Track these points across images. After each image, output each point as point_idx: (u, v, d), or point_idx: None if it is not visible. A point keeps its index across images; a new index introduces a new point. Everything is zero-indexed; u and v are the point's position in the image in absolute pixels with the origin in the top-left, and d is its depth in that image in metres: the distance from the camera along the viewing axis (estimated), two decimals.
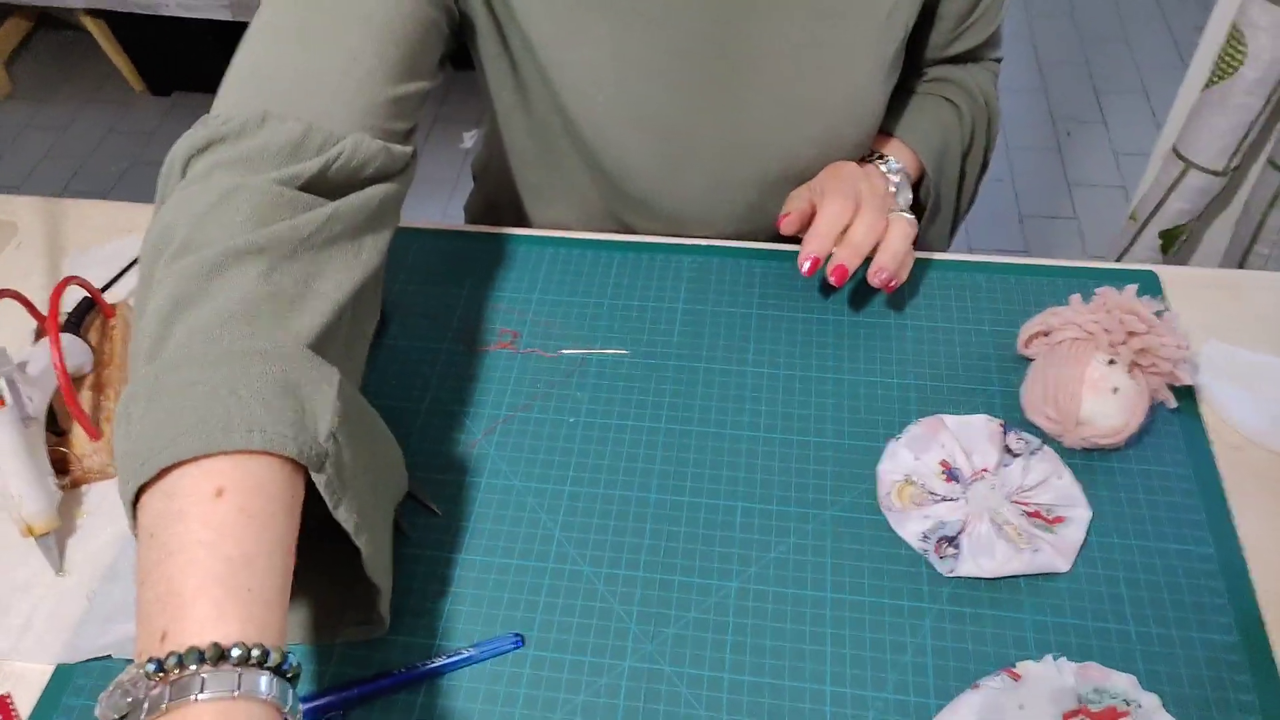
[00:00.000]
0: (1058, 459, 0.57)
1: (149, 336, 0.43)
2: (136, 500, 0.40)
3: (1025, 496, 0.56)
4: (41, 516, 0.54)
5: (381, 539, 0.48)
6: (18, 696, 0.51)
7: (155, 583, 0.37)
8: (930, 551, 0.54)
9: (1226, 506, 0.56)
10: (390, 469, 0.51)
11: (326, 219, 0.48)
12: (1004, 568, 0.52)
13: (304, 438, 0.41)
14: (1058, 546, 0.53)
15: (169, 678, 0.35)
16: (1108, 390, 0.56)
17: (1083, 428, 0.56)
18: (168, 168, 0.50)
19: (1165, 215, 1.24)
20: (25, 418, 0.54)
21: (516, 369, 0.64)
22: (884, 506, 0.56)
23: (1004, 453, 0.57)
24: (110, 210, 0.77)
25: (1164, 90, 2.13)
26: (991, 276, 0.68)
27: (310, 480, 0.42)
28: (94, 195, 2.05)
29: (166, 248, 0.45)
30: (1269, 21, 1.03)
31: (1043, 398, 0.58)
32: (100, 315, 0.67)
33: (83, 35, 2.36)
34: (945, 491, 0.56)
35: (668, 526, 0.56)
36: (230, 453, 0.39)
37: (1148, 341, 0.56)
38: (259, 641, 0.36)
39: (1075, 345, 0.58)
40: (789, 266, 0.70)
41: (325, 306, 0.46)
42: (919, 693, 0.49)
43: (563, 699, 0.50)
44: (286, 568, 0.40)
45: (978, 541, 0.53)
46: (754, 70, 0.64)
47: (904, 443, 0.58)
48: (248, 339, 0.42)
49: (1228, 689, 0.49)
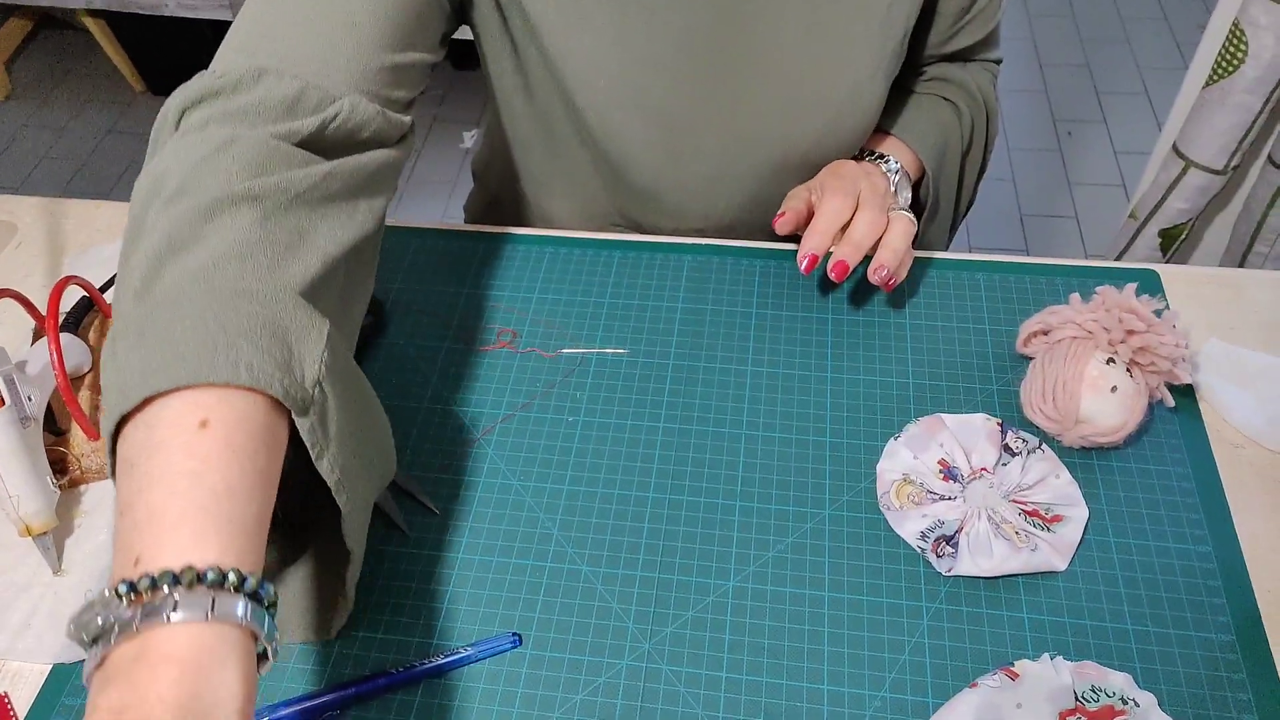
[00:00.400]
0: (1056, 458, 0.57)
1: (139, 276, 0.42)
2: (116, 435, 0.39)
3: (1023, 495, 0.56)
4: (40, 516, 0.54)
5: (361, 512, 0.47)
6: (16, 696, 0.51)
7: (135, 510, 0.37)
8: (928, 551, 0.54)
9: (1226, 506, 0.56)
10: (379, 446, 0.50)
11: (324, 176, 0.48)
12: (1002, 567, 0.52)
13: (290, 380, 0.41)
14: (1055, 546, 0.53)
15: (141, 600, 0.34)
16: (1106, 389, 0.56)
17: (1081, 426, 0.56)
18: (161, 120, 0.50)
19: (1165, 214, 1.24)
20: (24, 417, 0.54)
21: (516, 368, 0.64)
22: (882, 505, 0.56)
23: (1003, 451, 0.57)
24: (110, 210, 0.77)
25: (1164, 90, 2.13)
26: (991, 276, 0.68)
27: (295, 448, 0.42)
28: (94, 195, 2.05)
29: (160, 193, 0.45)
30: (1270, 20, 1.03)
31: (1041, 396, 0.58)
32: (100, 315, 0.67)
33: (83, 35, 2.36)
34: (943, 490, 0.56)
35: (666, 526, 0.56)
36: (216, 386, 0.39)
37: (1147, 340, 0.56)
38: (235, 566, 0.36)
39: (1074, 344, 0.58)
40: (789, 266, 0.70)
41: (318, 259, 0.46)
42: (917, 691, 0.49)
43: (560, 698, 0.50)
44: (268, 503, 0.40)
45: (975, 541, 0.53)
46: (756, 61, 0.65)
47: (903, 441, 0.58)
48: (238, 280, 0.42)
49: (1224, 688, 0.49)
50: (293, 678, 0.51)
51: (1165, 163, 1.21)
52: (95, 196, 0.96)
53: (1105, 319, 0.57)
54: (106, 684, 0.33)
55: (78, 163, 2.24)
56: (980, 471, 0.56)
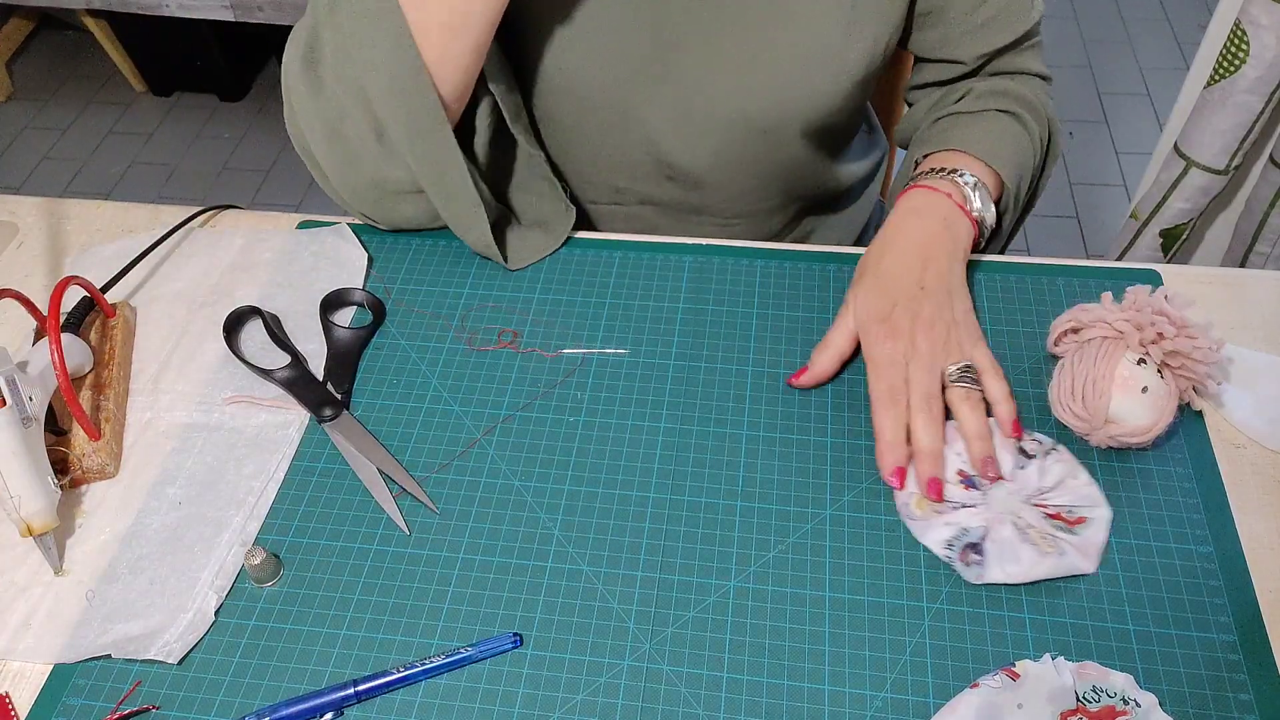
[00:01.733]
0: (1073, 459, 0.57)
1: None
2: None
3: (1044, 499, 0.55)
4: (41, 516, 0.54)
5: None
6: (16, 696, 0.51)
7: None
8: (955, 559, 0.53)
9: (1227, 506, 0.56)
10: None
11: None
12: (1030, 573, 0.52)
13: None
14: (1081, 548, 0.53)
15: None
16: (1137, 389, 0.55)
17: (1110, 426, 0.56)
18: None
19: (1167, 214, 1.24)
20: (25, 418, 0.54)
21: (516, 368, 0.64)
22: (904, 516, 0.55)
23: (1019, 455, 0.57)
24: (111, 210, 0.77)
25: (1166, 90, 2.13)
26: (993, 276, 0.68)
27: None
28: (95, 195, 2.05)
29: None
30: (1271, 20, 1.03)
31: (1071, 394, 0.57)
32: (100, 315, 0.67)
33: (84, 36, 2.36)
34: (964, 499, 0.55)
35: (666, 526, 0.56)
36: None
37: (1178, 344, 0.55)
38: None
39: (1105, 343, 0.57)
40: (789, 266, 0.70)
41: None
42: (917, 692, 0.49)
43: (561, 698, 0.50)
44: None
45: (1002, 547, 0.52)
46: (715, 18, 0.65)
47: None
48: None
49: (1226, 688, 0.49)
50: (293, 678, 0.51)
51: (1166, 163, 1.21)
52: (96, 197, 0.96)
53: (1137, 319, 0.57)
54: None
55: (79, 163, 2.24)
56: (998, 478, 0.56)
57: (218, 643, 0.53)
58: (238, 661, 0.52)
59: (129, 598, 0.54)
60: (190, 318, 0.68)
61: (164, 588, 0.54)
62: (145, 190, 2.17)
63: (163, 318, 0.69)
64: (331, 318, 0.68)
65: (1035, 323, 0.65)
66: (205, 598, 0.54)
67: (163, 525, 0.57)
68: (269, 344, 0.66)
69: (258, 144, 2.28)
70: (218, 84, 2.35)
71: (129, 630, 0.53)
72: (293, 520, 0.58)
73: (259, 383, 0.64)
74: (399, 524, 0.57)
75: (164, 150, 2.27)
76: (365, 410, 0.63)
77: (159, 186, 2.18)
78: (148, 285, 0.71)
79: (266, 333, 0.67)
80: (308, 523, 0.57)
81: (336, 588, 0.54)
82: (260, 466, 0.60)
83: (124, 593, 0.54)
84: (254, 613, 0.54)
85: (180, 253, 0.73)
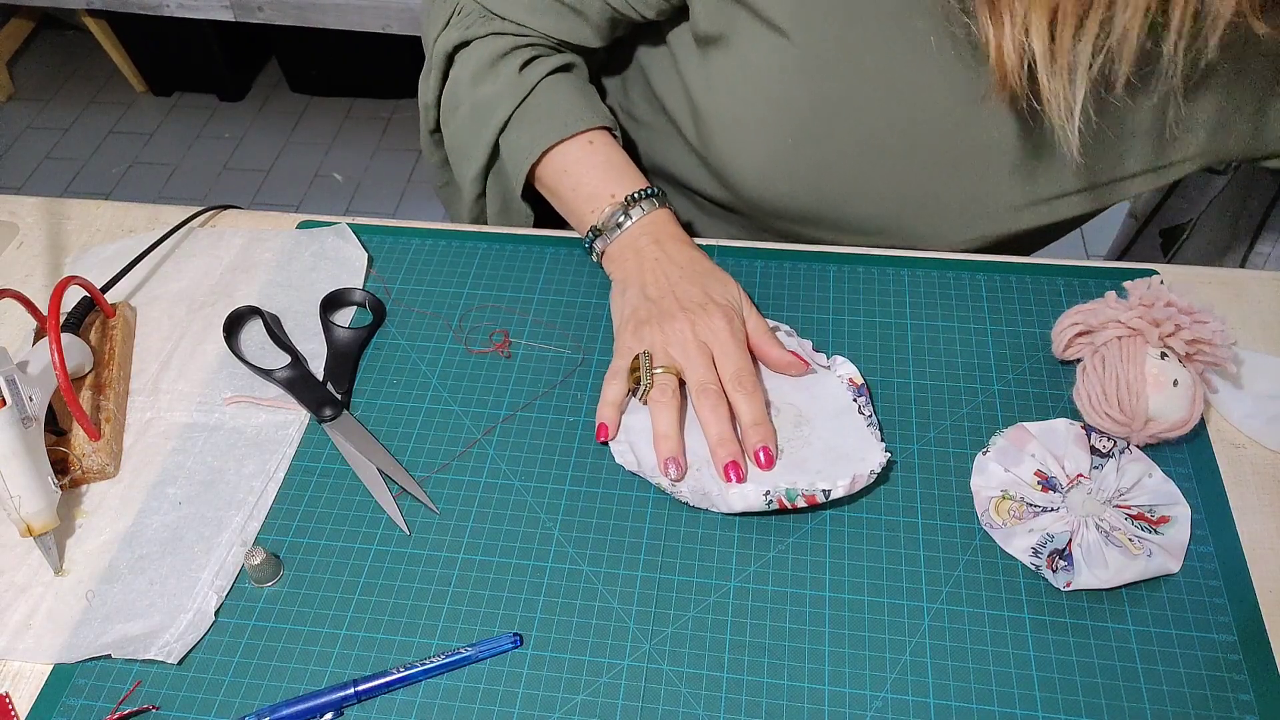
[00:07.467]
0: (1147, 457, 0.56)
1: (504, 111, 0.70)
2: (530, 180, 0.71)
3: (1125, 500, 0.54)
4: (41, 516, 0.54)
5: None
6: (16, 696, 0.51)
7: (587, 184, 0.68)
8: (1043, 567, 0.52)
9: (1227, 506, 0.56)
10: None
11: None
12: (1119, 576, 0.51)
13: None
14: (1168, 548, 0.52)
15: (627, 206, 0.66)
16: (1168, 384, 0.55)
17: (1151, 425, 0.55)
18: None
19: (1166, 214, 1.24)
20: (25, 418, 0.54)
21: (516, 368, 0.64)
22: (984, 524, 0.55)
23: (1092, 455, 0.56)
24: (112, 210, 0.77)
25: None
26: (992, 276, 0.68)
27: None
28: (95, 195, 2.05)
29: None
30: None
31: (1104, 400, 0.56)
32: (100, 315, 0.67)
33: (84, 36, 2.36)
34: (1044, 502, 0.54)
35: (666, 526, 0.56)
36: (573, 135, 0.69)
37: (1196, 332, 0.55)
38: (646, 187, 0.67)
39: (1125, 344, 0.56)
40: (789, 266, 0.70)
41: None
42: (918, 692, 0.49)
43: (561, 698, 0.50)
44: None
45: (1089, 551, 0.52)
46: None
47: (992, 456, 0.57)
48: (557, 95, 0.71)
49: (1226, 688, 0.49)
50: (293, 678, 0.51)
51: None
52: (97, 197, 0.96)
53: (1150, 314, 0.56)
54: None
55: (79, 163, 2.24)
56: (1077, 478, 0.55)
57: (218, 643, 0.53)
58: (238, 661, 0.52)
59: (129, 598, 0.54)
60: (190, 318, 0.68)
61: (164, 588, 0.54)
62: (145, 190, 2.17)
63: (163, 318, 0.69)
64: (331, 318, 0.68)
65: (1035, 323, 0.65)
66: (205, 598, 0.54)
67: (163, 525, 0.57)
68: (269, 344, 0.66)
69: (258, 144, 2.28)
70: (218, 84, 2.35)
71: (129, 630, 0.53)
72: (293, 520, 0.58)
73: (259, 383, 0.64)
74: (399, 524, 0.57)
75: (164, 150, 2.27)
76: (365, 410, 0.63)
77: (159, 186, 2.18)
78: (148, 285, 0.71)
79: (266, 333, 0.67)
80: (308, 523, 0.57)
81: (336, 588, 0.55)
82: (260, 466, 0.60)
83: (124, 593, 0.54)
84: (254, 613, 0.54)
85: (180, 253, 0.73)
